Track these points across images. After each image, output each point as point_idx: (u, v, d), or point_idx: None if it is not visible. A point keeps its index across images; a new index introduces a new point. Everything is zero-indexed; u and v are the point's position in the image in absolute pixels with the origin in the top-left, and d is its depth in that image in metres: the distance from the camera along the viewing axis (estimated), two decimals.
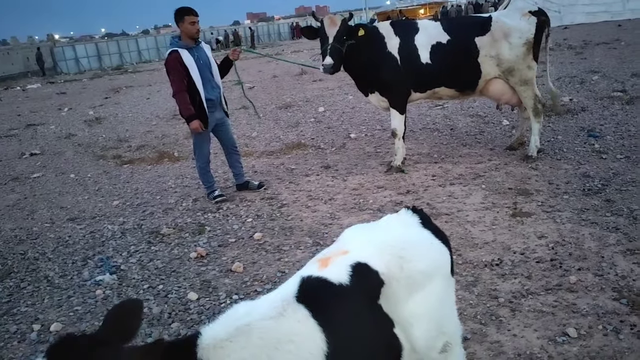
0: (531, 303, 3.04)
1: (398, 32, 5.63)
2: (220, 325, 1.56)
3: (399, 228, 1.96)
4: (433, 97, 6.02)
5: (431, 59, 5.50)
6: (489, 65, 5.53)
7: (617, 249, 3.53)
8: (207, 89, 5.20)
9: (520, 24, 5.48)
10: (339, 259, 1.77)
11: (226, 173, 6.68)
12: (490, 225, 4.18)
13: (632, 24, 21.76)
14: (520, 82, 5.55)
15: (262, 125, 9.49)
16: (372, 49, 5.58)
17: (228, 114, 5.67)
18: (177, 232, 4.92)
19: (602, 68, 11.14)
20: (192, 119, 5.13)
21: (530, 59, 5.52)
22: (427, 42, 5.54)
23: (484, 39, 5.47)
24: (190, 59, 5.05)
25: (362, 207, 4.95)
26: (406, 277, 1.77)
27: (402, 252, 1.80)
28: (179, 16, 5.11)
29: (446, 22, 5.82)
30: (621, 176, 4.87)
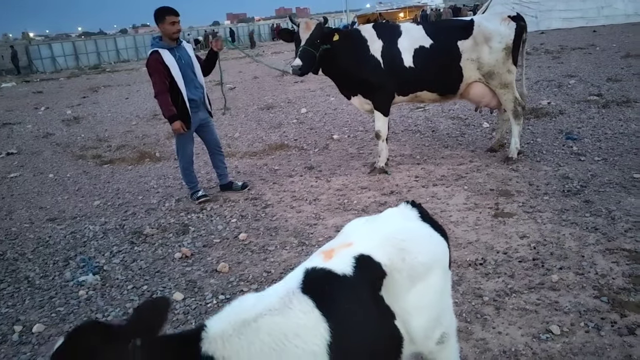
0: (515, 301, 3.10)
1: (381, 35, 5.64)
2: (226, 318, 1.56)
3: (399, 221, 2.00)
4: (415, 100, 6.08)
5: (414, 62, 5.54)
6: (470, 68, 5.60)
7: (596, 249, 3.62)
8: (189, 89, 5.15)
9: (500, 29, 5.57)
10: (343, 251, 1.80)
11: (209, 173, 6.65)
12: (473, 225, 4.25)
13: (607, 30, 22.30)
14: (500, 85, 5.64)
15: (245, 126, 9.47)
16: (354, 52, 5.59)
17: (212, 113, 5.62)
18: (160, 232, 4.88)
19: (579, 72, 11.39)
20: (174, 119, 5.08)
21: (509, 63, 5.61)
22: (410, 46, 5.57)
23: (466, 43, 5.54)
24: (172, 59, 5.00)
25: (347, 208, 4.97)
26: (408, 269, 1.80)
27: (403, 244, 1.83)
28: (159, 16, 5.04)
29: (429, 25, 5.88)
30: (599, 178, 4.99)
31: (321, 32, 5.46)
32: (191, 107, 5.18)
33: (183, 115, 5.12)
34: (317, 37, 5.41)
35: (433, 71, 5.58)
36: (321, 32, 5.46)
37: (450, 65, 5.57)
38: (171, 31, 5.06)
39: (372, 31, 5.69)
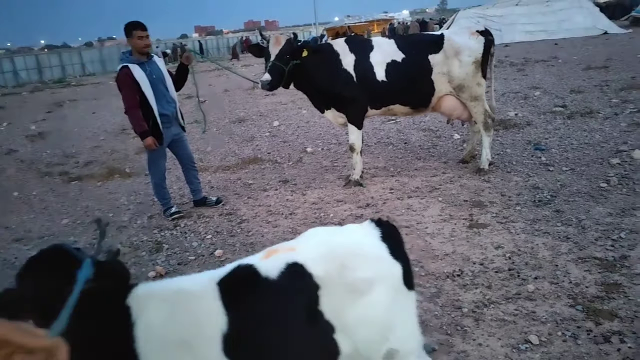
0: (493, 312, 3.13)
1: (353, 49, 5.67)
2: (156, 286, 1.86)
3: (354, 237, 2.00)
4: (387, 114, 6.15)
5: (386, 76, 5.59)
6: (441, 82, 5.70)
7: (569, 258, 3.70)
8: (161, 104, 5.09)
9: (470, 43, 5.69)
10: (282, 255, 1.85)
11: (181, 189, 6.56)
12: (449, 237, 4.29)
13: (567, 43, 23.06)
14: (471, 98, 5.76)
15: (217, 140, 9.39)
16: (327, 66, 5.62)
17: (185, 128, 5.55)
18: (132, 250, 4.77)
19: (543, 84, 11.72)
20: (145, 135, 5.02)
21: (479, 76, 5.74)
22: (382, 60, 5.62)
23: (437, 57, 5.64)
24: (142, 74, 4.94)
25: (323, 221, 4.96)
26: (346, 284, 1.80)
27: (344, 260, 1.84)
28: (128, 31, 4.99)
29: (400, 40, 5.95)
30: (568, 187, 5.12)
31: (291, 48, 5.50)
32: (163, 122, 5.12)
33: (155, 131, 5.06)
34: (287, 53, 5.45)
35: (405, 85, 5.64)
36: (291, 48, 5.50)
37: (422, 79, 5.65)
38: (140, 46, 5.00)
39: (344, 45, 5.73)
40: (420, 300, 3.36)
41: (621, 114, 7.92)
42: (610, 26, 26.75)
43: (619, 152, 5.98)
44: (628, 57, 14.82)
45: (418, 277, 3.66)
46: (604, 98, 9.32)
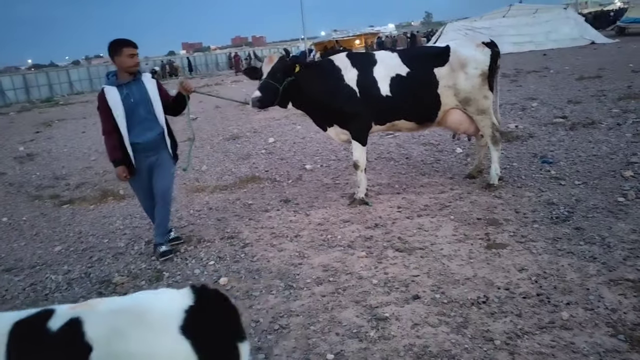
0: (528, 344, 2.90)
1: (355, 63, 5.50)
2: None
3: (152, 303, 1.80)
4: (392, 129, 5.96)
5: (391, 91, 5.41)
6: (447, 95, 5.52)
7: (599, 280, 3.49)
8: (137, 131, 4.58)
9: (476, 55, 5.53)
10: (76, 309, 1.77)
11: (178, 211, 6.29)
12: (467, 259, 4.07)
13: (555, 53, 23.23)
14: (478, 111, 5.58)
15: (212, 158, 9.15)
16: (328, 82, 5.44)
17: (177, 155, 4.98)
18: (131, 280, 4.49)
19: (539, 95, 11.66)
20: (116, 164, 4.62)
21: (485, 89, 5.57)
22: (386, 75, 5.45)
23: (443, 70, 5.47)
24: (116, 98, 4.49)
25: (331, 244, 4.72)
26: (112, 353, 1.64)
27: (125, 327, 1.67)
28: (116, 48, 4.51)
29: (404, 53, 5.78)
30: (584, 202, 4.93)
31: (283, 65, 5.31)
32: (140, 150, 4.63)
33: (129, 159, 4.61)
34: (279, 70, 5.26)
35: (410, 99, 5.47)
36: (283, 65, 5.31)
37: (428, 93, 5.48)
38: (129, 64, 4.56)
39: (346, 60, 5.55)
40: (447, 331, 3.13)
41: (624, 124, 7.81)
42: (597, 36, 27.06)
43: (631, 164, 5.82)
44: (620, 67, 14.87)
45: (441, 305, 3.44)
46: (603, 108, 9.24)
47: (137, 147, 4.62)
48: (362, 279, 3.96)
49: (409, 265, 4.09)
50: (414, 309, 3.43)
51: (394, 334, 3.17)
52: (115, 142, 4.58)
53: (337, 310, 3.55)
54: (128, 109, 4.53)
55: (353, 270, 4.11)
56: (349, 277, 4.01)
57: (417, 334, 3.15)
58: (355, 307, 3.56)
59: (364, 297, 3.67)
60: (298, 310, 3.62)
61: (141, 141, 4.62)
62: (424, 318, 3.31)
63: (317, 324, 3.40)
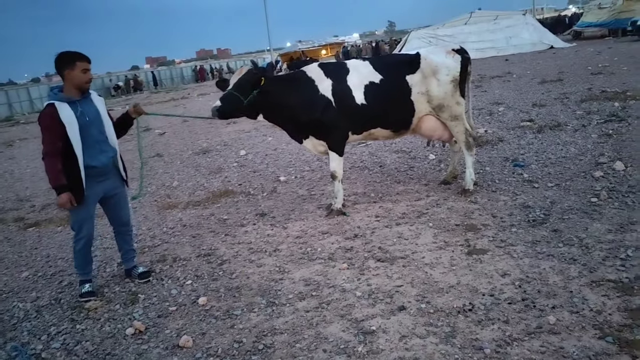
0: (518, 351, 2.88)
1: (329, 73, 5.45)
2: None
3: None
4: (368, 138, 5.92)
5: (366, 99, 5.38)
6: (420, 102, 5.53)
7: (582, 282, 3.51)
8: (91, 154, 4.19)
9: (446, 61, 5.55)
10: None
11: (151, 229, 6.11)
12: (449, 266, 4.05)
13: (517, 58, 23.81)
14: (451, 117, 5.61)
15: (182, 173, 8.96)
16: (303, 94, 5.37)
17: (127, 182, 4.65)
18: (105, 304, 4.30)
19: (504, 99, 11.87)
20: (61, 190, 4.08)
21: (457, 95, 5.60)
22: (360, 83, 5.42)
23: (415, 77, 5.47)
24: (71, 116, 4.07)
25: (312, 257, 4.64)
26: None
27: None
28: (68, 62, 4.13)
29: (375, 61, 5.75)
30: (558, 204, 4.99)
31: (250, 77, 5.26)
32: (94, 175, 4.24)
33: (77, 185, 4.14)
34: (245, 82, 5.21)
35: (386, 107, 5.46)
36: (250, 77, 5.26)
37: (402, 100, 5.48)
38: (83, 80, 4.17)
39: (319, 70, 5.49)
40: (436, 342, 3.08)
41: (589, 126, 8.00)
42: (555, 41, 27.86)
43: (600, 165, 5.94)
44: (579, 70, 15.31)
45: (427, 315, 3.39)
46: (568, 110, 9.46)
47: (89, 171, 4.19)
48: (346, 291, 3.89)
49: (391, 275, 4.04)
50: (400, 321, 3.37)
51: (383, 348, 3.11)
52: (61, 166, 4.08)
53: (322, 325, 3.47)
54: (82, 129, 4.12)
55: (335, 283, 4.04)
56: (332, 291, 3.94)
57: (405, 346, 3.09)
58: (340, 321, 3.49)
59: (349, 311, 3.60)
60: (282, 327, 3.52)
61: (95, 165, 4.23)
62: (412, 329, 3.25)
63: (303, 341, 3.31)
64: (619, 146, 6.58)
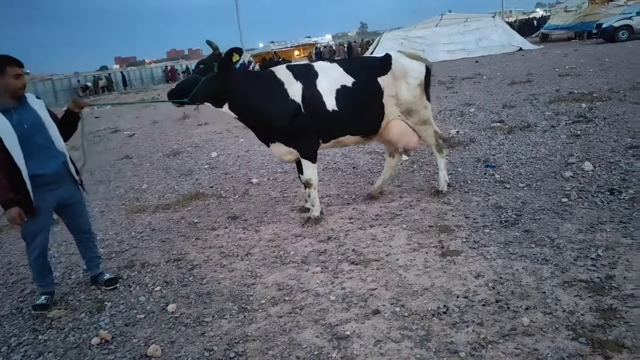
0: (493, 354, 2.86)
1: (298, 76, 5.15)
2: None
3: None
4: (337, 146, 5.62)
5: (338, 105, 5.12)
6: (390, 105, 5.37)
7: (554, 282, 3.52)
8: (38, 162, 3.93)
9: (414, 65, 5.48)
10: None
11: (118, 234, 5.94)
12: (423, 268, 4.02)
13: (486, 60, 24.19)
14: (420, 122, 5.50)
15: (152, 176, 8.77)
16: (272, 97, 5.06)
17: (83, 185, 4.39)
18: (69, 312, 4.13)
19: (475, 101, 12.00)
20: (8, 205, 3.81)
21: (424, 99, 5.51)
22: (331, 87, 5.15)
23: (386, 79, 5.33)
24: (7, 126, 3.79)
25: (284, 261, 4.56)
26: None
27: None
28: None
29: (344, 63, 5.51)
30: (530, 205, 5.03)
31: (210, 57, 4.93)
32: (44, 184, 3.98)
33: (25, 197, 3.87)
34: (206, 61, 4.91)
35: (358, 112, 5.25)
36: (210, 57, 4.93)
37: (375, 104, 5.32)
38: (15, 86, 3.89)
39: (288, 72, 5.19)
40: (411, 346, 3.04)
41: (558, 126, 8.12)
42: (524, 43, 28.44)
43: (569, 165, 6.02)
44: (547, 71, 15.62)
45: (402, 318, 3.35)
46: (537, 111, 9.60)
47: (39, 180, 3.93)
48: (319, 295, 3.82)
49: (365, 278, 3.99)
50: (375, 325, 3.32)
51: (357, 353, 3.05)
52: (5, 180, 3.79)
53: (295, 331, 3.40)
54: (22, 138, 3.83)
55: (309, 287, 3.97)
56: (305, 295, 3.87)
57: (380, 351, 3.04)
58: (314, 326, 3.42)
59: (323, 316, 3.53)
60: (254, 334, 3.43)
61: (45, 172, 3.97)
62: (386, 334, 3.21)
63: (276, 348, 3.23)
64: (587, 146, 6.69)
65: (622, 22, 23.85)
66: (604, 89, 10.75)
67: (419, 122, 5.52)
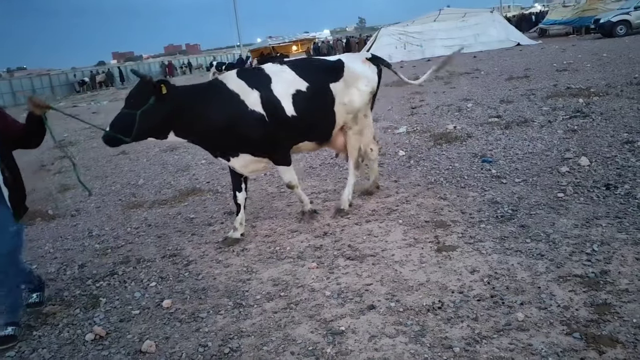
0: (487, 349, 2.86)
1: (253, 83, 4.69)
2: None
3: None
4: (293, 152, 5.22)
5: (295, 110, 4.75)
6: (341, 112, 5.10)
7: (549, 277, 3.52)
8: None
9: (366, 71, 5.24)
10: None
11: (114, 229, 5.92)
12: (419, 263, 4.02)
13: (485, 55, 24.12)
14: (359, 131, 5.27)
15: (149, 171, 8.76)
16: (229, 111, 4.56)
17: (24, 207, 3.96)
18: (64, 308, 4.12)
19: (473, 96, 11.97)
20: None
21: (368, 107, 5.33)
22: (285, 91, 4.76)
23: (338, 86, 5.03)
24: None
25: (280, 256, 4.55)
26: None
27: None
28: None
29: (295, 66, 5.04)
30: (526, 200, 5.03)
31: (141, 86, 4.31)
32: None
33: None
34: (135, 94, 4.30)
35: (315, 118, 4.95)
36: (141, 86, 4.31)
37: (328, 110, 5.03)
38: None
39: (240, 81, 4.68)
40: (405, 342, 3.04)
41: (555, 122, 8.11)
42: (522, 38, 28.39)
43: (566, 160, 6.01)
44: (544, 67, 15.58)
45: (397, 314, 3.35)
46: (534, 107, 9.58)
47: None
48: (315, 291, 3.82)
49: (361, 273, 3.99)
50: (370, 320, 3.32)
51: (352, 349, 3.05)
52: None
53: (290, 327, 3.39)
54: None
55: (304, 283, 3.97)
56: (300, 290, 3.86)
57: (375, 346, 3.04)
58: (309, 322, 3.41)
59: (318, 311, 3.53)
60: (249, 330, 3.43)
61: None
62: (381, 329, 3.20)
63: (271, 344, 3.23)
64: (583, 142, 6.68)
65: (620, 17, 23.81)
66: (602, 84, 10.74)
67: (357, 132, 5.28)
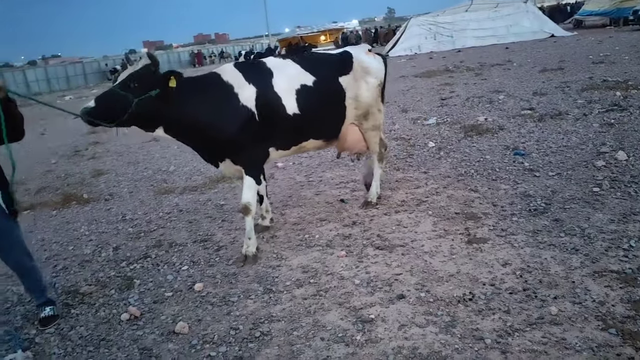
0: (520, 342, 2.83)
1: (251, 77, 4.28)
2: None
3: None
4: (298, 152, 4.96)
5: (299, 107, 4.39)
6: (351, 108, 4.83)
7: (584, 272, 3.46)
8: None
9: (374, 63, 4.97)
10: None
11: (147, 214, 6.04)
12: (449, 255, 3.99)
13: (517, 46, 23.61)
14: (373, 127, 5.05)
15: (179, 158, 8.88)
16: (218, 105, 4.16)
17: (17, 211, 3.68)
18: (100, 289, 4.24)
19: (504, 88, 11.75)
20: None
21: (380, 101, 5.06)
22: (289, 87, 4.40)
23: (348, 79, 4.75)
24: None
25: (309, 244, 4.58)
26: None
27: None
28: None
29: (303, 59, 4.70)
30: (560, 194, 4.93)
31: (146, 73, 3.89)
32: None
33: None
34: (138, 77, 3.86)
35: (322, 114, 4.63)
36: (146, 73, 3.89)
37: (337, 106, 4.75)
38: None
39: (237, 74, 4.29)
40: (436, 332, 3.03)
41: (590, 115, 7.91)
42: (556, 29, 27.66)
43: (602, 154, 5.87)
44: (580, 59, 15.18)
45: (427, 304, 3.34)
46: (569, 99, 9.36)
47: None
48: (344, 279, 3.84)
49: (390, 263, 3.98)
50: (399, 309, 3.32)
51: (381, 337, 3.06)
52: None
53: (320, 313, 3.42)
54: None
55: (334, 271, 3.99)
56: (329, 278, 3.89)
57: (404, 335, 3.05)
58: (338, 309, 3.44)
59: (347, 299, 3.55)
60: (279, 315, 3.47)
61: None
62: (411, 318, 3.20)
63: (300, 329, 3.26)
64: (621, 136, 6.51)
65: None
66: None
67: (371, 128, 5.05)
